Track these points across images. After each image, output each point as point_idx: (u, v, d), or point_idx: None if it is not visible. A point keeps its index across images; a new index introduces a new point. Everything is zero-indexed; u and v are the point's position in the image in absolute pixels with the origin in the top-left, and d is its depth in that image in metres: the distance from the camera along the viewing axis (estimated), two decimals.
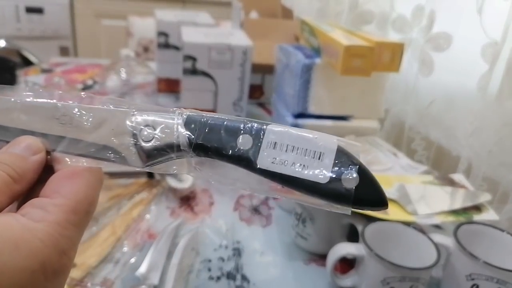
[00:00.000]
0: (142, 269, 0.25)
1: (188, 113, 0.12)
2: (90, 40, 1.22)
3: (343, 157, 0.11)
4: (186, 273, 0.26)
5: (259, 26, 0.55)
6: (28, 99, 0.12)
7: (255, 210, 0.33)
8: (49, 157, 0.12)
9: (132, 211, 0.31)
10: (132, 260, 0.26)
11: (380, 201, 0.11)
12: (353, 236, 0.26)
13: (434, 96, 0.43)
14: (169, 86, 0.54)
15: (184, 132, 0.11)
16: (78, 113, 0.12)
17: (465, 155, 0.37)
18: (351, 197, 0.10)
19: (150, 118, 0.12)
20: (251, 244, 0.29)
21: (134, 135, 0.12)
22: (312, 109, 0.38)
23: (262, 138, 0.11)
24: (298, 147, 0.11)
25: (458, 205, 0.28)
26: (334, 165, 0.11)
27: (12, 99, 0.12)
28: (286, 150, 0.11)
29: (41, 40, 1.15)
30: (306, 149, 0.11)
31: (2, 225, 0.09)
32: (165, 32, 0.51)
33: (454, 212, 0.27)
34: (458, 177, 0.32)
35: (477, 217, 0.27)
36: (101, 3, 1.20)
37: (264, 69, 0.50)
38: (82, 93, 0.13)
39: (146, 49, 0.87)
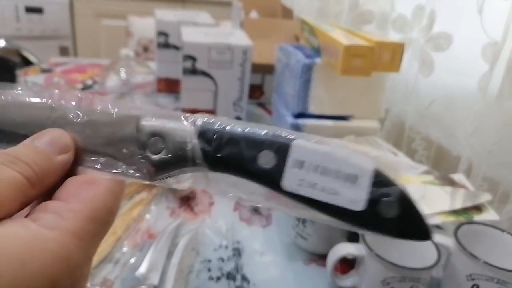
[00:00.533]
0: (142, 269, 0.24)
1: (201, 120, 0.10)
2: (89, 40, 1.22)
3: (381, 180, 0.09)
4: (186, 273, 0.25)
5: (259, 26, 0.55)
6: (21, 98, 0.11)
7: (255, 210, 0.33)
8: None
9: (132, 211, 0.31)
10: (132, 260, 0.26)
11: (424, 233, 0.09)
12: (353, 236, 0.26)
13: (435, 96, 0.43)
14: (169, 86, 0.54)
15: (198, 144, 0.10)
16: (76, 116, 0.10)
17: (465, 155, 0.37)
18: (393, 228, 0.09)
19: (159, 126, 0.10)
20: (251, 244, 0.29)
21: (141, 146, 0.10)
22: (312, 109, 0.38)
23: (288, 156, 0.09)
24: (329, 168, 0.09)
25: (458, 205, 0.28)
26: (371, 190, 0.09)
27: (3, 97, 0.11)
28: (315, 171, 0.09)
29: (40, 40, 1.15)
30: (338, 171, 0.09)
31: (8, 235, 0.08)
32: (165, 32, 0.51)
33: (455, 212, 0.27)
34: (458, 177, 0.32)
35: (477, 217, 0.27)
36: (101, 3, 1.20)
37: (264, 69, 0.50)
38: (79, 93, 0.11)
39: (146, 49, 0.87)
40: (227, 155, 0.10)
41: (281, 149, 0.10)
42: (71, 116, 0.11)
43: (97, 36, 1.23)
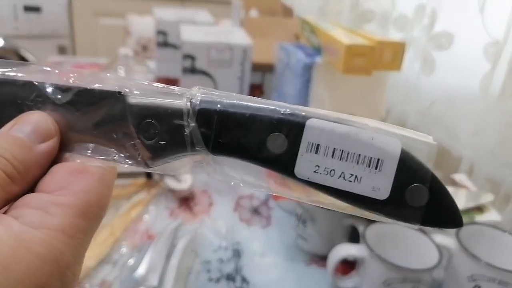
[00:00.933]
0: (141, 270, 0.24)
1: (200, 97, 0.09)
2: (88, 39, 1.22)
3: (408, 164, 0.08)
4: (185, 274, 0.25)
5: (259, 25, 0.55)
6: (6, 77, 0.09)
7: (255, 210, 0.33)
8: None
9: (131, 212, 0.31)
10: (131, 261, 0.26)
11: (455, 220, 0.08)
12: (354, 237, 0.26)
13: (436, 95, 0.42)
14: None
15: (197, 127, 0.08)
16: (55, 95, 0.09)
17: (467, 155, 0.37)
18: (420, 216, 0.08)
19: (151, 106, 0.09)
20: (251, 245, 0.28)
21: (132, 128, 0.09)
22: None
23: (301, 137, 0.08)
24: (349, 152, 0.08)
25: (460, 205, 0.27)
26: (397, 175, 0.08)
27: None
28: (332, 156, 0.08)
29: (39, 39, 1.14)
30: (359, 155, 0.08)
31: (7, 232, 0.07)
32: (164, 30, 0.51)
33: None
34: (460, 177, 0.32)
35: (479, 217, 0.27)
36: (99, 1, 1.19)
37: (264, 68, 0.49)
38: (56, 68, 0.09)
39: (144, 48, 0.87)
40: (231, 139, 0.08)
41: (294, 131, 0.08)
42: (52, 96, 0.09)
43: (95, 35, 1.22)
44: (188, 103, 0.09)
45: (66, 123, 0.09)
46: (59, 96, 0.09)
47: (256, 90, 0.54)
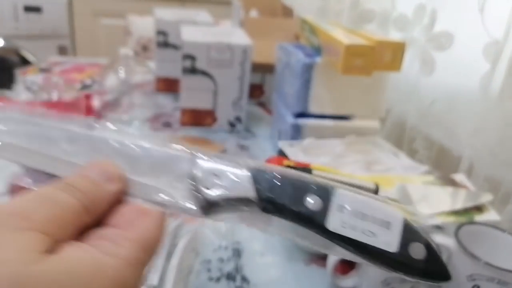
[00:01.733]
0: None
1: (254, 166, 0.12)
2: (88, 39, 1.22)
3: (410, 229, 0.11)
4: (186, 273, 0.25)
5: (259, 25, 0.55)
6: (71, 127, 0.12)
7: None
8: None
9: None
10: None
11: (446, 276, 0.11)
12: None
13: (436, 95, 0.43)
14: (168, 86, 0.54)
15: (252, 187, 0.11)
16: (134, 150, 0.11)
17: (466, 155, 0.37)
18: (419, 269, 0.11)
19: (216, 167, 0.11)
20: (251, 245, 0.29)
21: (196, 183, 0.11)
22: (313, 108, 0.37)
23: (331, 201, 0.11)
24: (367, 214, 0.11)
25: (459, 205, 0.27)
26: (402, 235, 0.11)
27: (53, 125, 0.12)
28: (355, 216, 0.11)
29: (39, 39, 1.14)
30: (375, 217, 0.11)
31: (73, 260, 0.09)
32: (164, 31, 0.51)
33: (455, 212, 0.27)
34: (459, 177, 0.32)
35: (478, 217, 0.27)
36: (99, 1, 1.19)
37: (264, 68, 0.49)
38: (134, 133, 0.12)
39: (145, 48, 0.87)
40: (277, 197, 0.11)
41: (326, 195, 0.11)
42: (127, 148, 0.12)
43: (96, 35, 1.22)
44: (246, 167, 0.11)
45: (130, 171, 0.11)
46: (133, 150, 0.11)
47: (256, 90, 0.54)
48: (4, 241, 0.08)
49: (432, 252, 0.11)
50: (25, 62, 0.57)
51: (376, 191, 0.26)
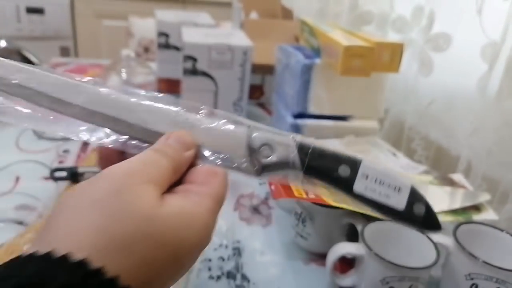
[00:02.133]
0: None
1: (300, 138, 0.15)
2: (90, 41, 1.23)
3: (415, 193, 0.15)
4: (186, 272, 0.26)
5: (259, 27, 0.55)
6: (146, 102, 0.15)
7: (255, 209, 0.33)
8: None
9: None
10: None
11: (438, 228, 0.15)
12: (352, 235, 0.27)
13: (434, 96, 0.43)
14: (170, 87, 0.54)
15: (297, 154, 0.14)
16: (200, 123, 0.15)
17: (464, 155, 0.37)
18: (419, 223, 0.14)
19: (269, 138, 0.15)
20: (251, 244, 0.29)
21: (252, 151, 0.14)
22: (312, 109, 0.38)
23: (358, 170, 0.15)
24: (384, 181, 0.15)
25: (457, 205, 0.28)
26: (409, 198, 0.14)
27: (133, 100, 0.15)
28: (374, 182, 0.15)
29: (41, 40, 1.15)
30: (389, 183, 0.15)
31: (178, 207, 0.12)
32: (165, 32, 0.51)
33: (454, 211, 0.27)
34: (457, 177, 0.32)
35: (476, 217, 0.27)
36: (101, 3, 1.20)
37: (264, 70, 0.50)
38: (202, 109, 0.15)
39: (146, 50, 0.87)
40: (317, 165, 0.15)
41: (354, 165, 0.15)
42: (197, 123, 0.15)
43: (98, 36, 1.23)
44: (293, 139, 0.15)
45: (202, 141, 0.15)
46: (201, 126, 0.15)
47: (256, 91, 0.55)
48: (135, 192, 0.11)
49: (429, 210, 0.15)
50: (27, 63, 0.58)
51: None
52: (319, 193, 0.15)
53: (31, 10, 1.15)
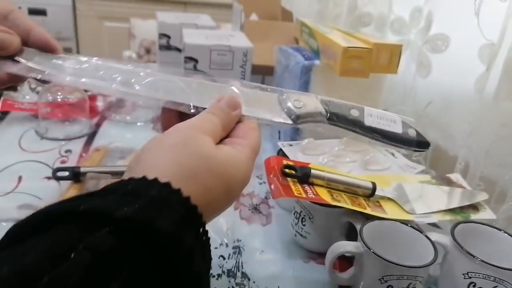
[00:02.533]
0: None
1: (320, 96, 0.21)
2: (92, 42, 1.23)
3: (405, 123, 0.21)
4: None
5: (259, 28, 0.55)
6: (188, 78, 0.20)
7: (255, 209, 0.33)
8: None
9: None
10: None
11: (427, 145, 0.21)
12: (351, 234, 0.27)
13: (432, 97, 0.43)
14: None
15: (321, 107, 0.20)
16: (239, 92, 0.20)
17: (462, 155, 0.37)
18: (412, 143, 0.21)
19: (299, 96, 0.20)
20: (251, 243, 0.29)
21: (286, 106, 0.20)
22: None
23: (364, 112, 0.21)
24: (382, 116, 0.21)
25: (455, 204, 0.28)
26: (402, 125, 0.21)
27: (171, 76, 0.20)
28: (377, 118, 0.21)
29: None
30: (387, 118, 0.21)
31: (228, 152, 0.16)
32: (166, 34, 0.52)
33: (452, 211, 0.28)
34: (455, 176, 0.32)
35: (474, 216, 0.27)
36: (103, 5, 1.21)
37: (264, 71, 0.50)
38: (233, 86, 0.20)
39: (148, 51, 0.88)
40: (336, 111, 0.20)
41: (361, 109, 0.21)
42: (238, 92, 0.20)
43: (100, 38, 1.24)
44: (316, 97, 0.21)
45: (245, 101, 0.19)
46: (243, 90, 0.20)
47: None
48: (197, 139, 0.16)
49: (418, 133, 0.21)
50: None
51: (373, 190, 0.27)
52: (341, 135, 0.21)
53: (34, 12, 1.16)
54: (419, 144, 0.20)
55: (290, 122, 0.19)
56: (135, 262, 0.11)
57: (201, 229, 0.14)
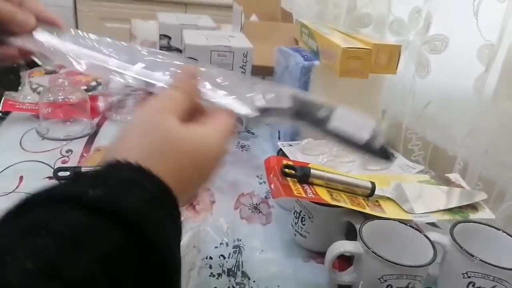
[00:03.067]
0: None
1: (295, 91, 0.20)
2: None
3: (374, 130, 0.20)
4: (188, 270, 0.26)
5: (259, 29, 0.56)
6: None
7: (256, 208, 0.34)
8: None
9: None
10: None
11: (391, 156, 0.20)
12: (351, 234, 0.27)
13: (431, 97, 0.43)
14: None
15: (290, 101, 0.20)
16: (218, 77, 0.20)
17: (461, 155, 0.37)
18: (376, 152, 0.20)
19: (269, 87, 0.20)
20: (251, 242, 0.29)
21: (255, 97, 0.20)
22: None
23: (332, 113, 0.20)
24: (353, 120, 0.20)
25: (454, 204, 0.28)
26: (370, 134, 0.20)
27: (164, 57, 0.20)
28: (345, 121, 0.20)
29: None
30: (357, 122, 0.20)
31: (195, 130, 0.17)
32: (167, 34, 0.52)
33: (451, 210, 0.28)
34: (454, 176, 0.32)
35: (473, 216, 0.27)
36: (104, 6, 1.21)
37: (264, 71, 0.50)
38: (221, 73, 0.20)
39: None
40: (304, 110, 0.20)
41: (330, 109, 0.20)
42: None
43: None
44: (288, 89, 0.21)
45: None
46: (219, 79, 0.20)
47: None
48: (160, 120, 0.16)
49: (386, 144, 0.20)
50: (31, 64, 0.59)
51: (372, 190, 0.27)
52: (306, 131, 0.20)
53: None
54: (384, 154, 0.20)
55: (256, 113, 0.19)
56: (106, 241, 0.11)
57: (173, 206, 0.14)
